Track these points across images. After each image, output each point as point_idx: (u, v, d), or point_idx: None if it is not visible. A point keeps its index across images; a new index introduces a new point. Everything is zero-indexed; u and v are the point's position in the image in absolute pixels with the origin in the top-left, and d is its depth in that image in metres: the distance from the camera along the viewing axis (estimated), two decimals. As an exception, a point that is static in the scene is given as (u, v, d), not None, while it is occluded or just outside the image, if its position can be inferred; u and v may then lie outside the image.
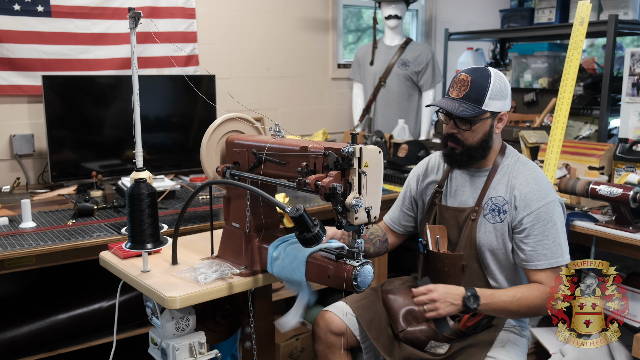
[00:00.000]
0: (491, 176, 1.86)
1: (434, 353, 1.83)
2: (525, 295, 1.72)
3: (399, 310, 1.93)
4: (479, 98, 1.75)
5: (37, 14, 2.89)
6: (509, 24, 3.86)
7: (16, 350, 2.27)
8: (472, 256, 1.85)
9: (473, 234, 1.84)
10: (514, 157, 1.88)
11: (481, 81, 1.76)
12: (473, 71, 1.79)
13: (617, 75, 3.31)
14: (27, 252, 1.99)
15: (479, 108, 1.75)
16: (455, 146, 1.83)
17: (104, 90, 2.97)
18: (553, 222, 1.76)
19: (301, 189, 1.46)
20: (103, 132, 2.98)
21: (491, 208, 1.83)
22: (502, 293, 1.73)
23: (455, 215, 1.89)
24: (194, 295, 1.53)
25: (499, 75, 1.79)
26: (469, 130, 1.79)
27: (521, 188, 1.79)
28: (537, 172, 1.84)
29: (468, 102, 1.76)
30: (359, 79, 4.02)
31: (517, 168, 1.84)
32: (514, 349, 1.82)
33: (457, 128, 1.80)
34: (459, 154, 1.84)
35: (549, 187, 1.81)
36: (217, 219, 2.34)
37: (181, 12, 3.32)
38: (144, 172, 1.60)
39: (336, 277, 1.46)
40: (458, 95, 1.77)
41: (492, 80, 1.76)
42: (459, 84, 1.78)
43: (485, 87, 1.75)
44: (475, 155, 1.83)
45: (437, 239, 1.90)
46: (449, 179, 1.96)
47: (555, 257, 1.76)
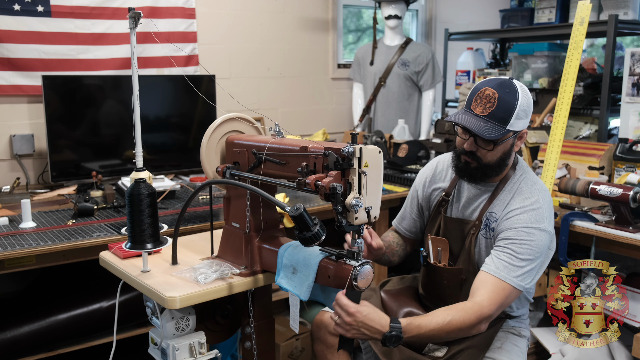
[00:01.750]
0: (497, 191, 1.79)
1: (432, 356, 1.82)
2: (456, 318, 1.57)
3: (398, 312, 1.93)
4: (505, 118, 1.63)
5: (37, 14, 2.89)
6: (509, 24, 3.87)
7: (16, 350, 2.27)
8: (470, 271, 1.81)
9: (472, 249, 1.81)
10: (522, 174, 1.80)
11: (509, 99, 1.64)
12: (500, 86, 1.65)
13: (617, 75, 3.31)
14: (27, 252, 1.99)
15: (504, 128, 1.64)
16: (471, 161, 1.74)
17: (104, 90, 2.97)
18: (530, 247, 1.65)
19: (301, 189, 1.46)
20: (103, 132, 2.98)
21: (485, 224, 1.79)
22: (431, 320, 1.56)
23: (459, 227, 1.85)
24: (194, 295, 1.53)
25: (525, 91, 1.67)
26: (491, 150, 1.69)
27: (515, 207, 1.72)
28: (539, 197, 1.74)
29: (493, 122, 1.64)
30: (359, 79, 4.02)
31: (521, 188, 1.76)
32: (512, 349, 1.81)
33: (477, 146, 1.70)
34: (474, 169, 1.75)
35: (544, 215, 1.70)
36: (217, 219, 2.34)
37: (181, 12, 3.32)
38: (144, 172, 1.60)
39: (336, 277, 1.46)
40: (483, 112, 1.65)
41: (519, 98, 1.64)
42: (485, 100, 1.65)
43: (512, 106, 1.63)
44: (490, 173, 1.75)
45: (438, 252, 1.88)
46: (456, 189, 1.89)
47: (510, 277, 1.63)
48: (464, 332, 1.60)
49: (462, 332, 1.60)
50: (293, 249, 1.59)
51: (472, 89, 1.73)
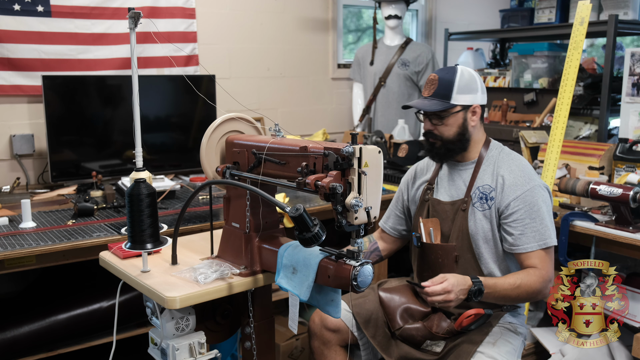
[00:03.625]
0: (477, 167, 1.93)
1: (430, 351, 1.85)
2: (524, 281, 1.76)
3: (396, 309, 1.94)
4: (446, 94, 1.86)
5: (37, 14, 2.89)
6: (509, 24, 3.86)
7: (16, 350, 2.27)
8: (464, 247, 1.88)
9: (464, 224, 1.88)
10: (498, 148, 1.96)
11: (448, 77, 1.87)
12: (441, 71, 1.92)
13: (617, 75, 3.31)
14: (27, 252, 1.99)
15: (447, 102, 1.86)
16: (435, 141, 1.93)
17: (104, 90, 2.97)
18: (538, 205, 1.82)
19: (301, 189, 1.46)
20: (103, 132, 2.98)
21: (479, 197, 1.89)
22: (504, 281, 1.76)
23: (446, 208, 1.94)
24: (193, 295, 1.53)
25: (466, 70, 1.90)
26: (443, 125, 1.88)
27: (506, 174, 1.87)
28: (520, 161, 1.92)
29: (437, 99, 1.87)
30: (359, 79, 4.02)
31: (502, 158, 1.92)
32: (505, 346, 1.82)
33: (432, 125, 1.91)
34: (439, 148, 1.93)
35: (532, 173, 1.88)
36: (217, 219, 2.34)
37: (181, 12, 3.32)
38: (144, 172, 1.60)
39: (336, 277, 1.46)
40: (429, 94, 1.90)
41: (458, 75, 1.87)
42: (429, 84, 1.91)
43: (451, 83, 1.86)
44: (454, 148, 1.92)
45: (430, 231, 1.94)
46: (438, 176, 2.03)
47: (543, 238, 1.81)
48: (534, 296, 1.80)
49: (533, 296, 1.79)
50: (293, 249, 1.59)
51: None
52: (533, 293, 1.77)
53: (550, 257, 1.83)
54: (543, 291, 1.79)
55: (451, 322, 1.83)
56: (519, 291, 1.75)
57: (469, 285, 1.69)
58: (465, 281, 1.68)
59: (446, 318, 1.86)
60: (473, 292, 1.68)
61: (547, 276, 1.79)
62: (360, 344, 1.95)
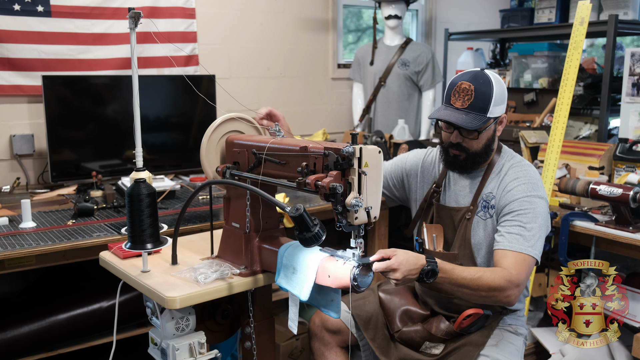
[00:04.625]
0: (486, 175, 1.87)
1: (429, 354, 1.83)
2: (486, 275, 1.61)
3: (395, 311, 1.94)
4: (484, 107, 1.74)
5: (37, 14, 2.89)
6: (509, 24, 3.86)
7: (16, 350, 2.27)
8: (466, 256, 1.85)
9: (468, 233, 1.85)
10: (509, 156, 1.90)
11: (484, 89, 1.74)
12: (474, 79, 1.76)
13: (617, 75, 3.31)
14: (27, 252, 1.99)
15: (485, 117, 1.74)
16: (459, 153, 1.83)
17: (104, 90, 2.97)
18: (535, 214, 1.74)
19: (301, 189, 1.46)
20: (103, 132, 2.97)
21: (483, 205, 1.85)
22: (463, 269, 1.62)
23: (451, 215, 1.90)
24: (193, 295, 1.53)
25: (497, 79, 1.78)
26: (475, 139, 1.79)
27: (510, 181, 1.81)
28: (529, 170, 1.84)
29: (474, 112, 1.74)
30: (359, 79, 4.02)
31: (511, 166, 1.86)
32: (508, 347, 1.82)
33: (463, 137, 1.80)
34: (463, 160, 1.84)
35: (539, 185, 1.80)
36: (217, 219, 2.34)
37: (181, 12, 3.32)
38: (144, 172, 1.60)
39: (336, 277, 1.46)
40: (462, 105, 1.75)
41: (494, 87, 1.75)
42: (462, 94, 1.76)
43: (489, 96, 1.74)
44: (479, 160, 1.85)
45: (433, 238, 1.92)
46: (446, 179, 1.97)
47: (526, 247, 1.69)
48: (494, 294, 1.62)
49: (492, 293, 1.62)
50: (293, 249, 1.59)
51: (448, 85, 1.82)
52: (495, 290, 1.61)
53: (527, 268, 1.68)
54: (507, 292, 1.62)
55: (450, 324, 1.83)
56: (479, 283, 1.59)
57: (422, 264, 1.53)
58: (417, 260, 1.52)
59: (445, 320, 1.85)
60: (425, 272, 1.53)
61: (515, 279, 1.63)
62: (360, 345, 1.95)
